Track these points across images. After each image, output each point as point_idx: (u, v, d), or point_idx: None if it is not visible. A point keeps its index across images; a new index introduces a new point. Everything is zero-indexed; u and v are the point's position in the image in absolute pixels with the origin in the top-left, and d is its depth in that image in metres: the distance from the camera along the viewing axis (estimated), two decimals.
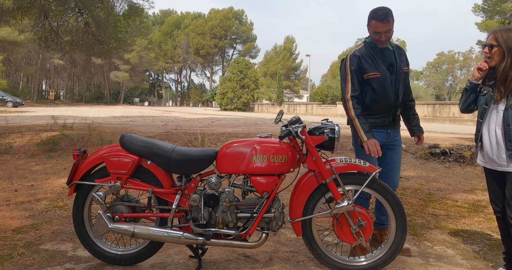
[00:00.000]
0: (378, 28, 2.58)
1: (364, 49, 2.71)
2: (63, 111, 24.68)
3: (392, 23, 2.60)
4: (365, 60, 2.67)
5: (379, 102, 2.72)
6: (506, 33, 2.22)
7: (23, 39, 25.00)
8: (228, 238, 2.41)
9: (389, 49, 2.75)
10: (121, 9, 9.72)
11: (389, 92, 2.70)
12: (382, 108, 2.75)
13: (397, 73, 2.72)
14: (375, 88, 2.69)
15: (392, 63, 2.71)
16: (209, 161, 2.44)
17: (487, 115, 2.34)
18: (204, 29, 57.90)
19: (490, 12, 28.01)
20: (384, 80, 2.68)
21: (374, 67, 2.66)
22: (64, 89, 66.72)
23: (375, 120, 2.76)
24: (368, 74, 2.67)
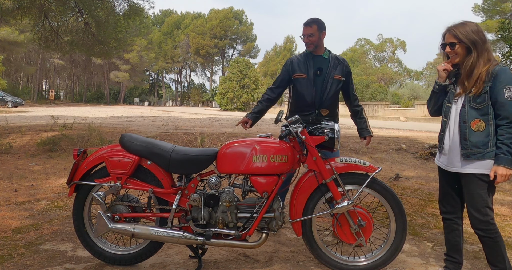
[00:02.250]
0: (303, 31, 3.08)
1: (301, 55, 3.20)
2: (63, 111, 24.68)
3: (315, 29, 3.03)
4: (297, 63, 3.15)
5: (302, 99, 3.11)
6: (463, 28, 2.16)
7: (23, 39, 25.01)
8: (228, 238, 2.41)
9: (324, 57, 3.14)
10: (121, 9, 9.73)
11: (310, 92, 3.07)
12: (304, 105, 3.11)
13: (326, 77, 3.08)
14: (298, 87, 3.12)
15: (321, 67, 3.09)
16: (209, 161, 2.44)
17: (450, 113, 2.27)
18: (204, 29, 57.89)
19: (490, 12, 28.01)
20: (309, 81, 3.07)
21: (302, 69, 3.11)
22: (64, 89, 66.71)
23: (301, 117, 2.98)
24: (296, 74, 3.12)
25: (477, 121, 2.13)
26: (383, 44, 65.70)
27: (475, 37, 2.14)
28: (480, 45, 2.14)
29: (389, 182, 5.35)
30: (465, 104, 2.18)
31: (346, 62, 3.20)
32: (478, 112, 2.12)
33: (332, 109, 3.14)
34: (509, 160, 2.04)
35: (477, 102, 2.13)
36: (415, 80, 60.59)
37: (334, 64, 3.11)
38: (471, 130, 2.13)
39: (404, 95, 35.40)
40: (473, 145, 2.13)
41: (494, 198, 4.69)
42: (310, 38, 3.04)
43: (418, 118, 22.43)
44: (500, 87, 2.07)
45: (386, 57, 66.64)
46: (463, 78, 2.20)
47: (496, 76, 2.09)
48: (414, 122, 20.87)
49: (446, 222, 2.39)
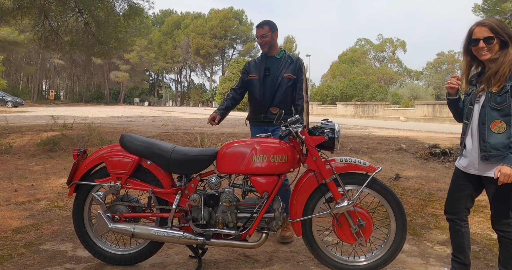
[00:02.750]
0: (256, 33, 3.21)
1: (258, 57, 3.35)
2: (63, 111, 24.68)
3: (267, 30, 3.15)
4: (252, 64, 3.31)
5: (254, 99, 3.27)
6: (497, 21, 2.05)
7: (23, 39, 25.00)
8: (228, 238, 2.41)
9: (276, 57, 3.25)
10: (121, 9, 9.72)
11: (261, 92, 3.20)
12: (256, 105, 3.27)
13: (274, 76, 3.17)
14: (251, 87, 3.27)
15: (269, 67, 3.20)
16: (209, 161, 2.44)
17: (472, 115, 2.18)
18: (204, 29, 57.89)
19: (490, 12, 28.01)
20: (259, 81, 3.21)
21: (255, 70, 3.25)
22: (64, 89, 66.72)
23: (255, 117, 3.31)
24: (250, 75, 3.28)
25: (497, 122, 2.04)
26: (383, 44, 65.71)
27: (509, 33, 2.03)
28: None
29: (389, 182, 5.35)
30: (485, 104, 2.09)
31: (300, 61, 3.25)
32: (499, 113, 2.04)
33: (283, 107, 3.13)
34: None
35: (497, 102, 2.04)
36: (415, 80, 60.64)
37: (286, 63, 3.19)
38: (490, 131, 2.06)
39: (404, 95, 35.42)
40: (492, 147, 2.05)
41: None
42: (263, 38, 3.15)
43: (418, 118, 22.43)
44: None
45: (386, 57, 66.66)
46: (491, 74, 2.07)
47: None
48: (414, 122, 20.88)
49: (449, 223, 2.38)
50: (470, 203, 2.30)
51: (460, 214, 2.30)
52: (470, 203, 2.29)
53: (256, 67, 3.26)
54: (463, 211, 2.30)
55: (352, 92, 40.12)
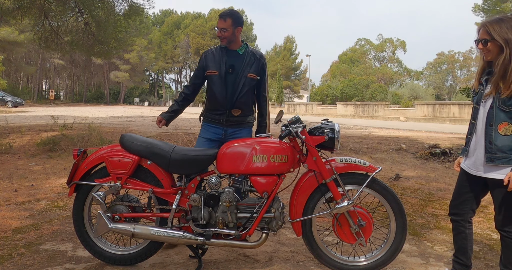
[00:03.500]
0: (217, 24, 2.85)
1: (216, 48, 2.97)
2: (63, 111, 24.67)
3: (229, 24, 2.80)
4: (210, 58, 2.93)
5: (214, 98, 2.94)
6: (498, 25, 2.05)
7: (23, 39, 25.01)
8: (228, 238, 2.41)
9: (239, 53, 2.93)
10: (121, 9, 9.73)
11: (222, 92, 2.88)
12: (216, 105, 2.95)
13: (238, 76, 2.88)
14: (211, 84, 2.93)
15: (233, 64, 2.88)
16: (209, 161, 2.44)
17: (478, 115, 2.18)
18: (204, 29, 57.87)
19: (490, 12, 28.00)
20: (220, 78, 2.88)
21: (214, 65, 2.89)
22: (64, 89, 66.72)
23: (213, 117, 3.00)
24: (209, 71, 2.92)
25: (505, 124, 2.03)
26: (383, 44, 65.70)
27: (509, 35, 2.02)
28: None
29: (389, 182, 5.35)
30: (493, 105, 2.07)
31: (263, 59, 3.00)
32: (507, 115, 2.03)
33: (245, 109, 2.98)
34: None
35: (506, 105, 2.02)
36: (415, 80, 60.63)
37: (250, 61, 2.91)
38: (497, 133, 2.05)
39: (404, 95, 35.42)
40: (498, 149, 2.04)
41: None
42: (223, 32, 2.81)
43: (418, 118, 22.43)
44: None
45: (386, 57, 66.66)
46: (497, 78, 2.07)
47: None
48: (414, 122, 20.88)
49: (454, 224, 2.37)
50: (476, 204, 2.29)
51: (465, 216, 2.30)
52: (475, 204, 2.29)
53: (216, 61, 2.89)
54: (468, 212, 2.29)
55: (352, 92, 40.12)
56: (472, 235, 2.35)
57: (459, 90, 9.97)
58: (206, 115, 3.05)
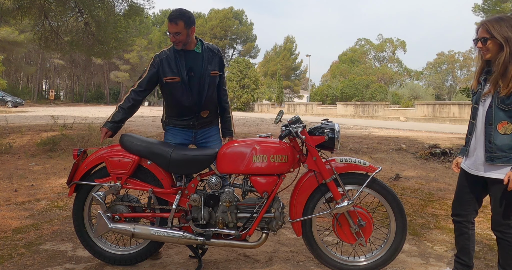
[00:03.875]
0: (168, 28, 2.61)
1: (170, 51, 2.70)
2: (63, 111, 24.67)
3: (181, 27, 2.57)
4: (167, 62, 2.67)
5: (180, 106, 2.75)
6: (497, 23, 2.04)
7: (23, 39, 25.00)
8: (228, 238, 2.41)
9: (197, 52, 2.72)
10: (121, 9, 9.73)
11: (188, 97, 2.70)
12: (184, 112, 2.78)
13: (201, 77, 2.70)
14: (174, 92, 2.70)
15: (192, 67, 2.68)
16: (209, 161, 2.44)
17: (478, 114, 2.17)
18: (204, 29, 57.87)
19: (490, 12, 27.98)
20: (184, 84, 2.67)
21: (175, 71, 2.66)
22: (64, 89, 66.70)
23: (181, 123, 2.82)
24: (168, 78, 2.67)
25: (504, 123, 2.03)
26: (383, 44, 65.70)
27: (508, 33, 2.02)
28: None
29: (389, 182, 5.35)
30: (492, 104, 2.07)
31: (220, 52, 2.85)
32: (506, 114, 2.03)
33: (212, 107, 2.88)
34: None
35: (505, 103, 2.02)
36: (415, 80, 60.64)
37: (209, 58, 2.74)
38: (497, 132, 2.04)
39: (404, 95, 35.42)
40: (498, 148, 2.04)
41: None
42: (177, 37, 2.59)
43: (418, 118, 22.43)
44: None
45: (386, 57, 66.66)
46: (497, 76, 2.06)
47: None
48: (414, 122, 20.88)
49: (456, 225, 2.35)
50: (478, 205, 2.29)
51: (468, 217, 2.29)
52: (478, 205, 2.28)
53: (174, 67, 2.66)
54: (471, 213, 2.28)
55: (352, 92, 40.12)
56: (474, 235, 2.35)
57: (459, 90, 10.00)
58: (171, 121, 2.85)
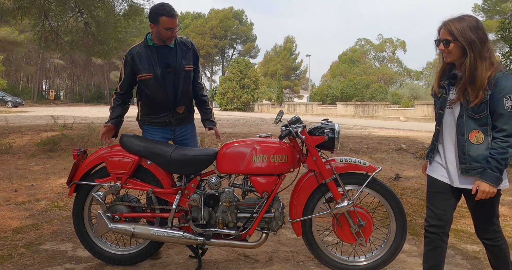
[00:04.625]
0: (169, 24, 2.51)
1: (140, 47, 2.64)
2: (63, 111, 24.67)
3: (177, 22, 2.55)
4: (139, 60, 2.61)
5: (155, 103, 2.70)
6: (460, 24, 1.90)
7: (23, 39, 25.00)
8: (228, 238, 2.41)
9: (170, 47, 2.65)
10: (121, 9, 9.73)
11: (164, 94, 2.65)
12: (159, 109, 2.72)
13: (176, 73, 2.65)
14: (146, 89, 2.66)
15: (168, 63, 2.63)
16: (209, 161, 2.44)
17: (443, 121, 2.05)
18: (204, 29, 57.90)
19: (490, 12, 28.03)
20: (157, 81, 2.61)
21: (147, 68, 2.60)
22: (64, 89, 66.70)
23: (157, 120, 2.77)
24: (141, 75, 2.62)
25: (475, 132, 1.92)
26: (383, 44, 65.71)
27: (472, 36, 1.88)
28: (478, 45, 1.89)
29: (389, 182, 5.35)
30: (462, 114, 1.94)
31: (194, 46, 2.77)
32: (477, 123, 1.92)
33: (187, 103, 2.82)
34: (495, 177, 1.86)
35: (476, 112, 1.90)
36: (415, 80, 60.64)
37: (183, 53, 2.67)
38: (470, 143, 1.93)
39: (404, 95, 35.42)
40: (473, 159, 1.93)
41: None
42: (175, 32, 2.58)
43: (418, 118, 22.43)
44: (500, 96, 1.85)
45: (386, 57, 66.66)
46: (465, 83, 1.93)
47: (496, 83, 1.86)
48: (414, 122, 20.87)
49: (431, 237, 2.09)
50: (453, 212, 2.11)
51: (447, 228, 2.08)
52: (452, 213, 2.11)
53: (145, 63, 2.60)
54: (447, 223, 2.08)
55: (352, 92, 40.12)
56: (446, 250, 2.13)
57: None
58: (147, 119, 2.81)
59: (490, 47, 1.94)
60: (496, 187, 1.88)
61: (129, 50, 2.66)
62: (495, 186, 1.87)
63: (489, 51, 1.93)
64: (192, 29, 58.79)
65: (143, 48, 2.63)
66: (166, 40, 2.60)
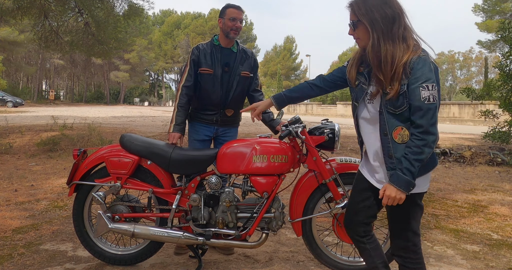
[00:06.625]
0: (234, 14, 2.73)
1: (208, 45, 2.83)
2: (63, 111, 24.67)
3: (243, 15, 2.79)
4: (203, 55, 2.79)
5: (208, 99, 2.83)
6: (364, 2, 1.64)
7: (23, 39, 25.02)
8: (228, 238, 2.41)
9: (233, 51, 2.85)
10: (121, 9, 9.74)
11: (217, 90, 2.80)
12: (209, 104, 2.84)
13: (232, 74, 2.81)
14: (203, 83, 2.80)
15: (228, 62, 2.80)
16: (209, 161, 2.44)
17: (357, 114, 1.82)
18: (204, 29, 57.86)
19: (490, 12, 28.02)
20: (215, 78, 2.78)
21: (209, 63, 2.78)
22: (64, 89, 66.73)
23: (205, 117, 2.88)
24: (202, 69, 2.79)
25: (399, 129, 1.65)
26: None
27: (374, 14, 1.61)
28: (381, 24, 1.60)
29: None
30: (382, 110, 1.68)
31: (254, 55, 2.95)
32: (399, 118, 1.64)
33: (237, 108, 2.91)
34: (404, 181, 1.59)
35: (395, 106, 1.64)
36: None
37: (242, 59, 2.85)
38: (394, 143, 1.66)
39: None
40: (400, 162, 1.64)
41: (494, 198, 4.69)
42: (240, 24, 2.75)
43: None
44: (416, 85, 1.57)
45: None
46: (375, 70, 1.66)
47: (411, 70, 1.58)
48: None
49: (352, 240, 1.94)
50: (371, 216, 1.88)
51: (358, 230, 1.87)
52: (370, 217, 1.87)
53: (209, 60, 2.78)
54: (360, 225, 1.86)
55: None
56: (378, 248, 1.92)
57: (459, 90, 9.99)
58: (195, 114, 2.91)
59: (406, 26, 1.65)
60: (405, 192, 1.60)
61: (197, 45, 2.85)
62: (404, 191, 1.60)
63: (403, 31, 1.63)
64: (192, 29, 58.77)
65: (209, 46, 2.83)
66: (230, 32, 2.74)
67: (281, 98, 2.10)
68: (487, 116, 7.96)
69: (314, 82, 2.05)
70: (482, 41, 29.34)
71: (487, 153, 7.26)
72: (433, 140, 1.59)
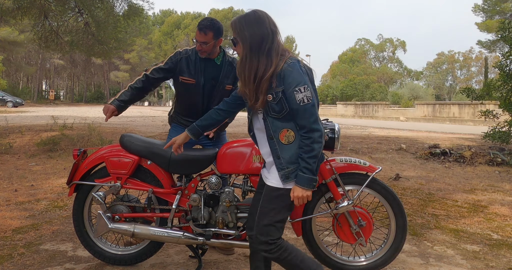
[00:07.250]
0: (196, 36, 2.63)
1: (193, 52, 2.74)
2: (63, 111, 24.68)
3: (210, 37, 2.59)
4: (186, 62, 2.71)
5: (188, 107, 2.84)
6: (239, 19, 1.80)
7: (23, 39, 25.03)
8: (228, 238, 2.41)
9: (216, 63, 2.76)
10: (121, 9, 9.74)
11: (198, 102, 2.78)
12: (191, 112, 2.83)
13: (215, 88, 2.76)
14: (185, 91, 2.78)
15: (215, 76, 2.74)
16: (209, 161, 2.44)
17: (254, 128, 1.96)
18: None
19: (490, 12, 28.03)
20: (197, 88, 2.73)
21: (191, 73, 2.71)
22: (64, 89, 66.75)
23: (185, 122, 2.85)
24: (184, 78, 2.73)
25: (284, 131, 1.79)
26: (383, 44, 65.74)
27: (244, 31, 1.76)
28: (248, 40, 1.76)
29: (389, 182, 5.35)
30: (265, 116, 1.82)
31: None
32: (282, 121, 1.79)
33: None
34: (306, 179, 1.75)
35: (276, 111, 1.77)
36: (415, 80, 60.68)
37: (227, 72, 2.77)
38: (281, 144, 1.80)
39: (404, 95, 35.46)
40: (288, 161, 1.79)
41: (494, 198, 4.70)
42: (203, 46, 2.62)
43: (418, 118, 22.45)
44: (290, 90, 1.73)
45: (386, 57, 66.70)
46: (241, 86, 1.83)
47: (284, 77, 1.74)
48: (414, 122, 20.88)
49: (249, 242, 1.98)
50: None
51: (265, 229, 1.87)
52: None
53: (192, 69, 2.71)
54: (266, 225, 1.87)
55: (352, 92, 40.16)
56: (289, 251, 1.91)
57: (459, 90, 10.01)
58: (176, 118, 2.93)
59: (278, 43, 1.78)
60: (310, 189, 1.76)
61: (184, 49, 2.76)
62: (309, 189, 1.76)
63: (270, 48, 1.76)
64: (192, 29, 58.76)
65: (194, 54, 2.74)
66: (198, 51, 2.69)
67: (195, 129, 2.18)
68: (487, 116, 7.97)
69: (219, 106, 2.16)
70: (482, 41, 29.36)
71: (487, 153, 7.26)
72: (319, 135, 1.75)
